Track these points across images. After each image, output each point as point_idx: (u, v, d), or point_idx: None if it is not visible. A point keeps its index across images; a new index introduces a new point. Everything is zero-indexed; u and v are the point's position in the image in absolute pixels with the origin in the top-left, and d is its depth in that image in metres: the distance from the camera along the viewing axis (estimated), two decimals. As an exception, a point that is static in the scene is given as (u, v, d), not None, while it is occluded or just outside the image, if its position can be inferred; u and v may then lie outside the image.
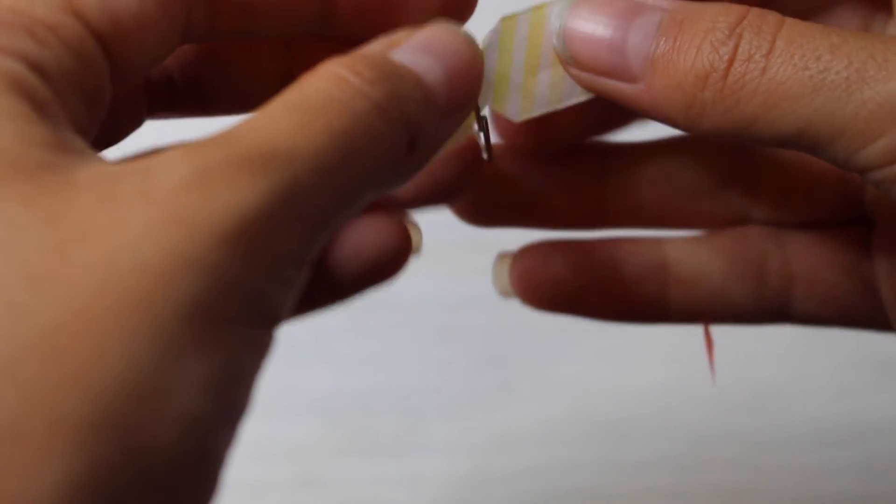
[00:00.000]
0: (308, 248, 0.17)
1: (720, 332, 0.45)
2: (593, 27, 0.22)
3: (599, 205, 0.29)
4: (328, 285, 0.22)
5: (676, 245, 0.29)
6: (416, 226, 0.25)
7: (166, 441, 0.15)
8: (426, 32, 0.20)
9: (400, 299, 0.46)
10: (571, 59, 0.23)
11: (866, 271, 0.28)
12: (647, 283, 0.29)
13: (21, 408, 0.14)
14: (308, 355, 0.45)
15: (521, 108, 0.24)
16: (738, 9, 0.21)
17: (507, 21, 0.24)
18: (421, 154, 0.20)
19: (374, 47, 0.20)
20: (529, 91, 0.24)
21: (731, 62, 0.20)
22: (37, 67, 0.18)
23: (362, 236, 0.23)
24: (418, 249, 0.26)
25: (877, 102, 0.19)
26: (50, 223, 0.15)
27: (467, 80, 0.21)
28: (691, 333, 0.42)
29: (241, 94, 0.25)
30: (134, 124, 0.24)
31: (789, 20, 0.21)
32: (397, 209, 0.25)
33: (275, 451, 0.42)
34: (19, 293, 0.15)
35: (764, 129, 0.21)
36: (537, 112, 0.25)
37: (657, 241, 0.29)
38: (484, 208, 0.29)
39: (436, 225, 0.28)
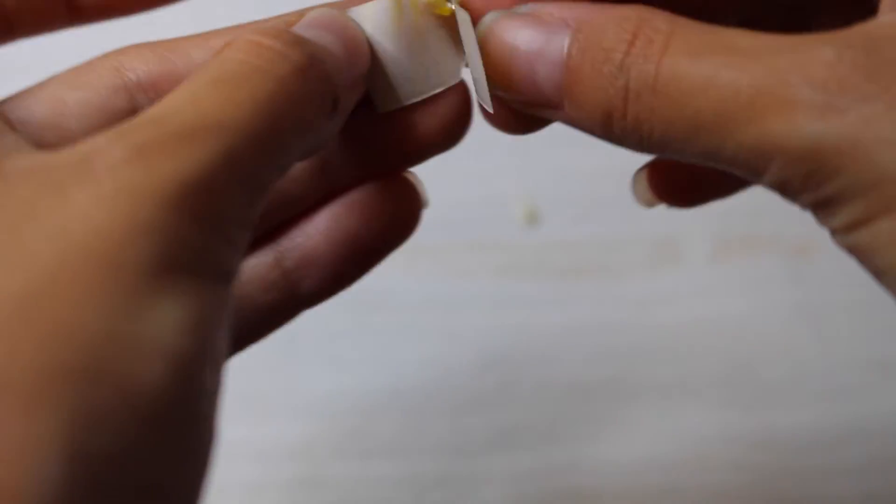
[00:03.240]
0: (248, 210, 0.18)
1: (718, 336, 0.45)
2: (510, 49, 0.22)
3: None
4: (356, 256, 0.24)
5: None
6: (419, 181, 0.26)
7: (153, 377, 0.15)
8: (317, 13, 0.22)
9: (400, 299, 0.46)
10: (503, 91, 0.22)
11: None
12: None
13: (4, 363, 0.14)
14: (308, 355, 0.45)
15: (405, 95, 0.24)
16: (632, 24, 0.20)
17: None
18: (341, 115, 0.21)
19: (275, 25, 0.21)
20: (411, 76, 0.24)
21: (625, 102, 0.20)
22: None
23: (378, 204, 0.24)
24: (427, 203, 0.26)
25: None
26: None
27: (360, 52, 0.23)
28: (691, 333, 0.42)
29: None
30: (26, 33, 0.23)
31: (676, 32, 0.20)
32: (402, 169, 0.26)
33: (275, 451, 0.42)
34: None
35: (677, 151, 0.20)
36: (410, 100, 0.24)
37: None
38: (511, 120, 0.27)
39: (436, 225, 0.28)
